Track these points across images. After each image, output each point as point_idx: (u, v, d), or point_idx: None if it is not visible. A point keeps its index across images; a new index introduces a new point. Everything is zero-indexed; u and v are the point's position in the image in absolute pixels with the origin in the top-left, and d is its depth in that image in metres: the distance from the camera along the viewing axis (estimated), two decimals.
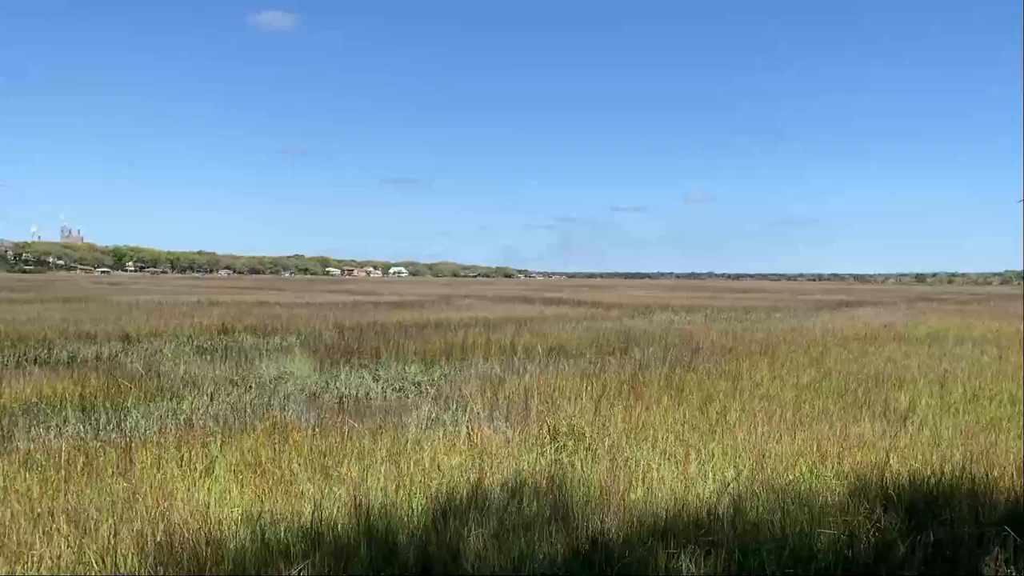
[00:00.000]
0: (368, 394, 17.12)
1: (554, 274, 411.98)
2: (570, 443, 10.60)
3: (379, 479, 8.47)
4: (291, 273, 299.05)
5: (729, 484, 8.40)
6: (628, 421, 12.03)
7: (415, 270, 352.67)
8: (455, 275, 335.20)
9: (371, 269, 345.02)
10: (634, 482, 8.59)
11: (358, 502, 7.48)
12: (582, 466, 9.27)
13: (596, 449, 10.23)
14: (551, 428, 11.33)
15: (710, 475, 8.98)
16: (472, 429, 11.20)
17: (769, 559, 6.41)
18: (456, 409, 13.60)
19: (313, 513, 7.21)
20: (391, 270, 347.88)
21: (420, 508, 7.63)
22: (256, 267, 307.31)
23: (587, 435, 11.03)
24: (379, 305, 47.78)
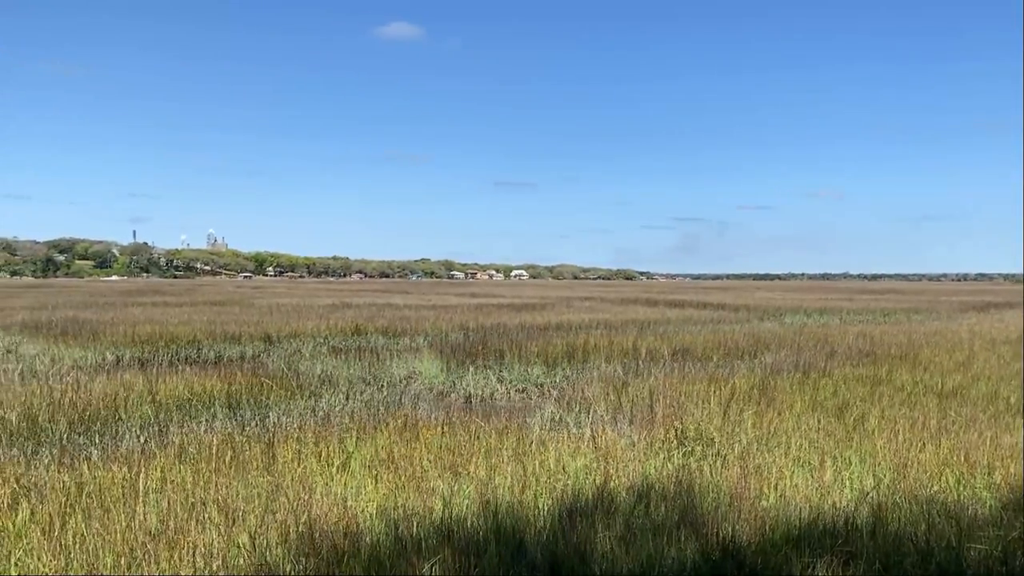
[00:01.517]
0: (493, 394, 17.40)
1: (677, 276, 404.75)
2: (698, 448, 10.41)
3: (506, 478, 8.59)
4: (418, 276, 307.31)
5: (868, 493, 8.03)
6: (759, 426, 11.69)
7: (535, 273, 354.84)
8: (575, 277, 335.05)
9: (493, 272, 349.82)
10: (766, 489, 8.35)
11: (486, 500, 7.63)
12: (711, 471, 9.09)
13: (725, 454, 10.00)
14: (678, 432, 11.16)
15: (847, 483, 8.61)
16: (596, 431, 11.18)
17: (913, 573, 6.09)
18: (579, 411, 13.61)
19: (443, 510, 7.41)
20: (512, 273, 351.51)
21: (546, 508, 7.70)
22: (385, 271, 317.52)
23: (716, 440, 10.80)
24: (501, 307, 48.39)
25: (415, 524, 7.02)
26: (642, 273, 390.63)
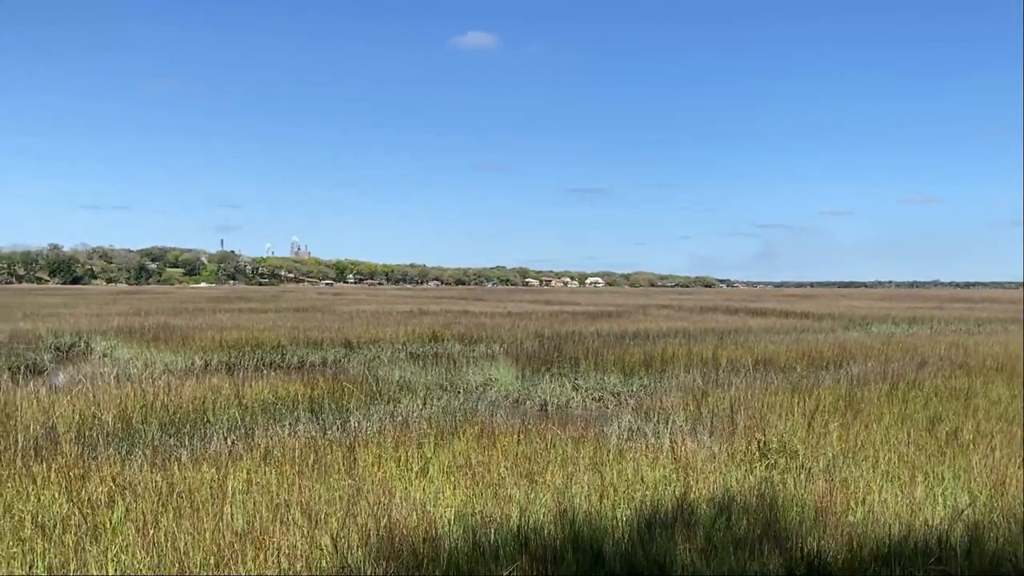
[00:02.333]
0: (568, 402, 17.34)
1: (758, 283, 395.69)
2: (781, 460, 10.14)
3: (583, 487, 8.54)
4: (493, 284, 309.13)
5: (963, 511, 7.68)
6: (845, 439, 11.33)
7: (611, 280, 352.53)
8: (652, 285, 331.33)
9: (568, 279, 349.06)
10: (853, 504, 8.08)
11: (563, 508, 7.60)
12: (795, 485, 8.84)
13: (810, 468, 9.72)
14: (760, 444, 10.89)
15: (940, 500, 8.25)
16: (675, 442, 11.01)
17: None
18: (657, 421, 13.44)
19: (520, 517, 7.41)
20: (587, 280, 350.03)
21: (624, 518, 7.62)
22: (461, 278, 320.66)
23: (800, 453, 10.51)
24: (577, 315, 48.22)
25: (492, 530, 7.04)
26: (722, 280, 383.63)
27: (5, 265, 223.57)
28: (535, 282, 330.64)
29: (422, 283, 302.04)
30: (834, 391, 15.89)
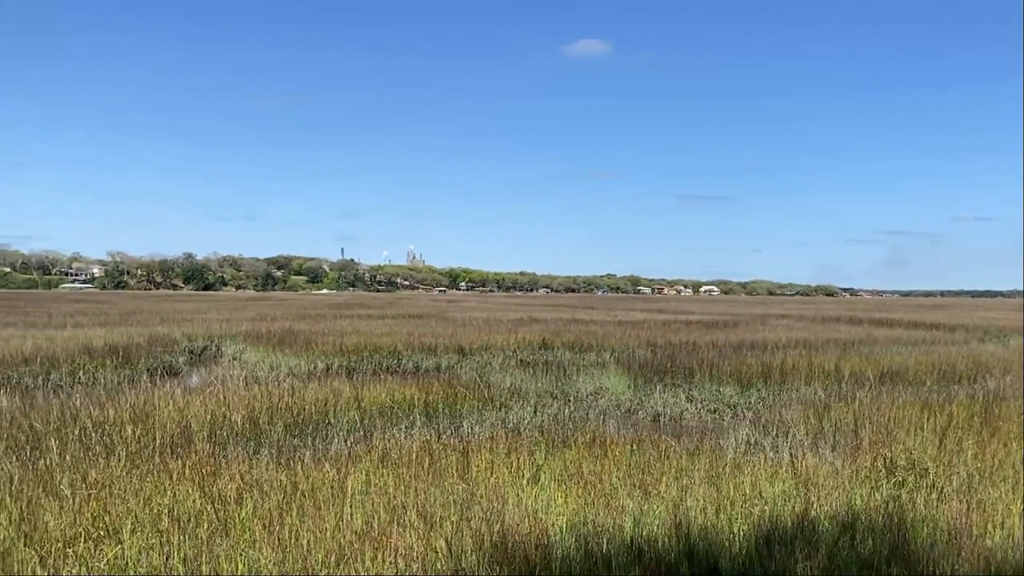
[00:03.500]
0: (682, 413, 17.03)
1: (884, 292, 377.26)
2: (910, 478, 9.63)
3: (698, 500, 8.36)
4: (603, 292, 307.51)
5: None
6: (981, 458, 10.64)
7: (727, 288, 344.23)
8: (770, 293, 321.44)
9: (681, 288, 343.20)
10: (991, 527, 7.58)
11: (678, 521, 7.46)
12: (925, 504, 8.37)
13: (942, 487, 9.18)
14: (887, 461, 10.38)
15: None
16: (795, 456, 10.64)
17: None
18: (776, 434, 13.02)
19: (633, 528, 7.32)
20: (702, 289, 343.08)
21: (742, 533, 7.41)
22: (571, 286, 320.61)
23: (930, 471, 9.95)
24: (690, 324, 47.31)
25: (605, 540, 6.99)
26: (845, 289, 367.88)
27: (144, 273, 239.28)
28: (647, 290, 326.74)
29: (532, 290, 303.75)
30: (968, 407, 14.95)
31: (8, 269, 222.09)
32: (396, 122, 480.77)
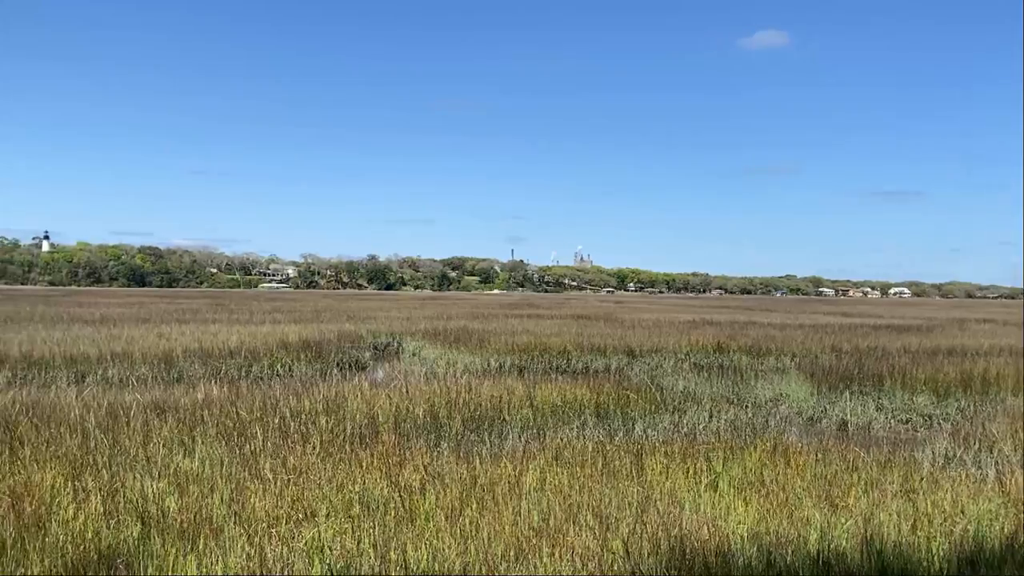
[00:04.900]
0: (871, 423, 16.05)
1: None
2: None
3: (891, 515, 7.86)
4: (782, 293, 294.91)
5: None
6: None
7: (919, 290, 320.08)
8: (969, 296, 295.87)
9: (868, 289, 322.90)
10: None
11: (868, 536, 7.05)
12: None
13: None
14: None
15: None
16: (1002, 473, 9.76)
17: None
18: (979, 449, 12.00)
19: (819, 541, 6.99)
20: (891, 291, 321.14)
21: (941, 553, 6.89)
22: (747, 288, 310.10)
23: None
24: (879, 328, 44.41)
25: (789, 552, 6.72)
26: None
27: (333, 273, 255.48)
28: (830, 292, 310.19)
29: (704, 292, 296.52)
30: None
31: (214, 270, 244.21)
32: (558, 124, 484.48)
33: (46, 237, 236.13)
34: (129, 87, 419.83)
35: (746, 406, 16.67)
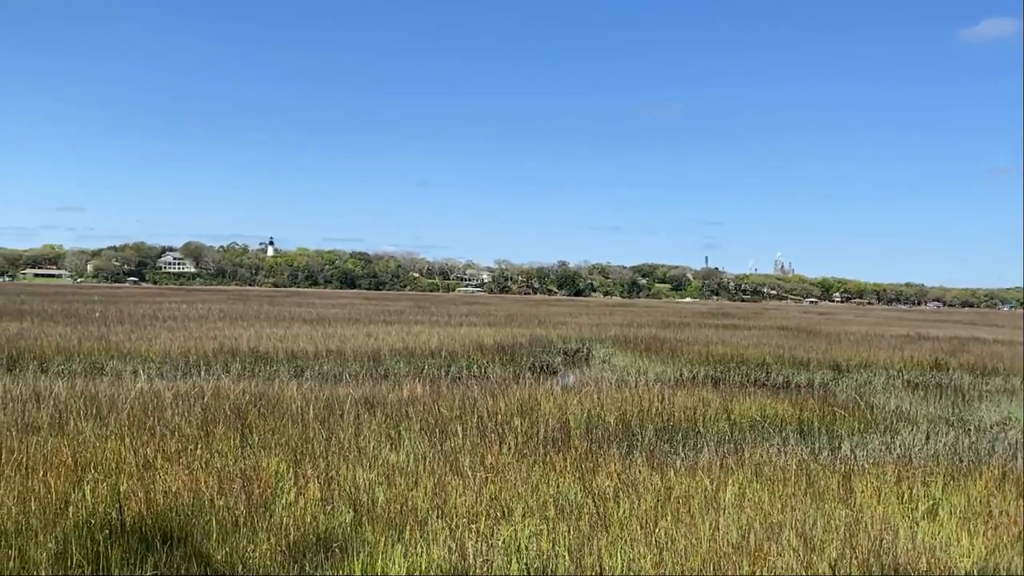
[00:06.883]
0: None
1: None
2: None
3: None
4: (1010, 307, 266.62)
5: None
6: None
7: None
8: None
9: None
10: None
11: None
12: None
13: None
14: None
15: None
16: None
17: None
18: None
19: None
20: None
21: None
22: (969, 300, 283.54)
23: None
24: None
25: None
26: None
27: (524, 278, 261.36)
28: None
29: (919, 304, 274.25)
30: None
31: (416, 274, 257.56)
32: (755, 127, 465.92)
33: (271, 243, 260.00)
34: (352, 112, 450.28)
35: (968, 429, 15.22)
